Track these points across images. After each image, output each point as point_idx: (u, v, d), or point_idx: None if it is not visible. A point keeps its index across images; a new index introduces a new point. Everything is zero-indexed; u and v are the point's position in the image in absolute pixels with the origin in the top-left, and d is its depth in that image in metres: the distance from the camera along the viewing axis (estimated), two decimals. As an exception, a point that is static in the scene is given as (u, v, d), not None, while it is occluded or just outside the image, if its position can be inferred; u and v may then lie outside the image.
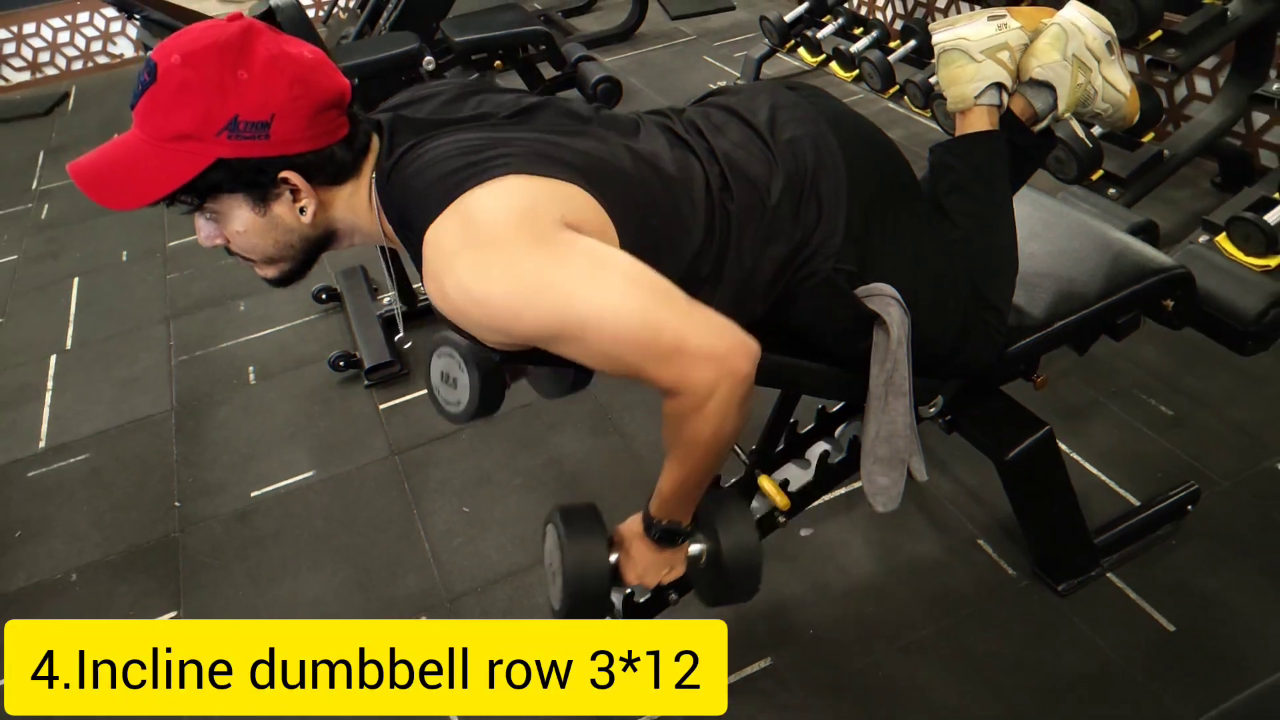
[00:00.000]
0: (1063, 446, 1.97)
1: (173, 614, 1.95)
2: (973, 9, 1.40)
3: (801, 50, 3.86)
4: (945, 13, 3.83)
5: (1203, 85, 2.89)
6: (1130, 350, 2.18)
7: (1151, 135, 2.64)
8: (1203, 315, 1.60)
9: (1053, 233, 1.62)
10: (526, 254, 0.96)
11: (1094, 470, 1.94)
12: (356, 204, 1.10)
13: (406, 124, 1.11)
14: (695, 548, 1.21)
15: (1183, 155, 2.56)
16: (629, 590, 1.60)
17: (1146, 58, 2.43)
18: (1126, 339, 1.58)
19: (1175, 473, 1.87)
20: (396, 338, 2.57)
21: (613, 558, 1.19)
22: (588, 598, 1.15)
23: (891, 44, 3.50)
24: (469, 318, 1.00)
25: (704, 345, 0.98)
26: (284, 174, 1.03)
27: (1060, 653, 1.60)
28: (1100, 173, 2.51)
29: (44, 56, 5.52)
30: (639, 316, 0.97)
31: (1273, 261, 2.19)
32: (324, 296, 2.90)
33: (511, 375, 1.34)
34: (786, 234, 1.18)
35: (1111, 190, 2.51)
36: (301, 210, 1.07)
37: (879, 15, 4.16)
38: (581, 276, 0.96)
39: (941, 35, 1.39)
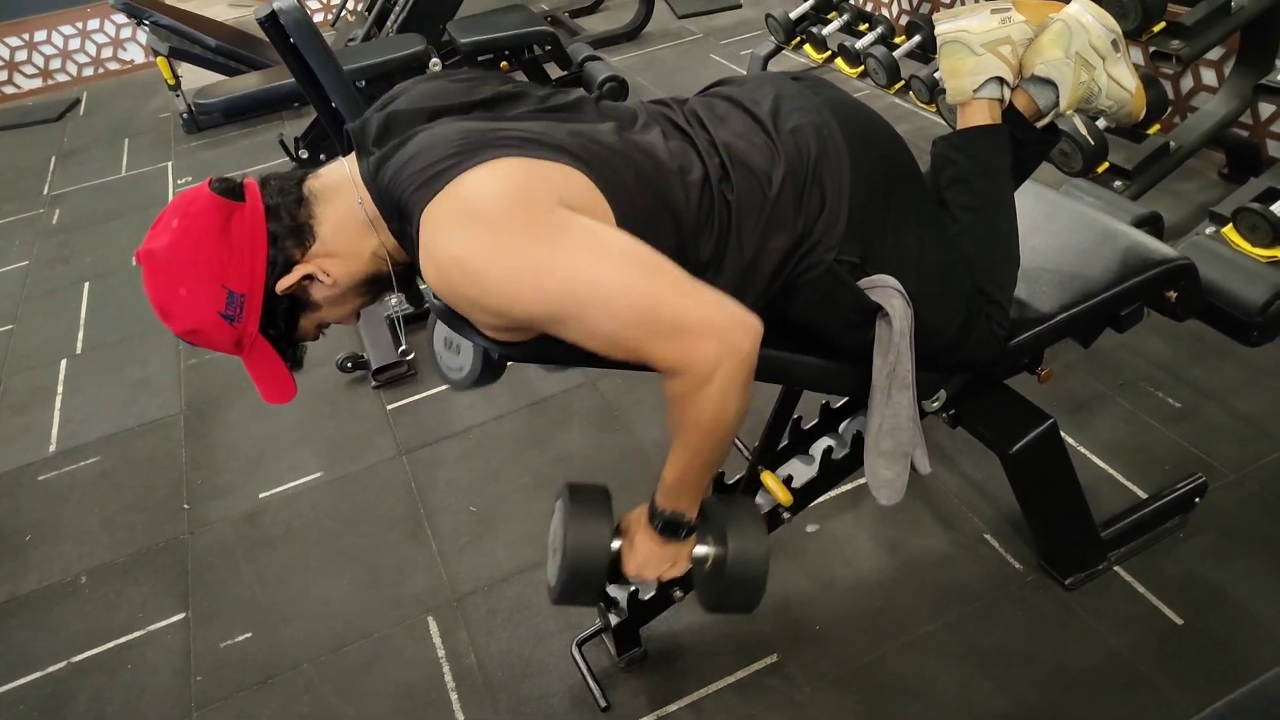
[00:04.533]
0: (1069, 439, 1.98)
1: (181, 615, 1.97)
2: (977, 1, 1.38)
3: (807, 47, 3.85)
4: (949, 8, 3.81)
5: (1208, 76, 2.87)
6: (1136, 342, 2.18)
7: (1157, 127, 2.63)
8: (1207, 306, 1.59)
9: (1055, 226, 1.61)
10: (523, 234, 0.95)
11: (1100, 463, 1.93)
12: (347, 226, 1.11)
13: (399, 118, 1.12)
14: (702, 549, 1.18)
15: (1189, 147, 2.55)
16: (633, 588, 1.60)
17: (1151, 49, 2.41)
18: (1132, 331, 1.57)
19: (1182, 465, 1.86)
20: (400, 350, 2.58)
21: (615, 544, 1.17)
22: (583, 581, 1.13)
23: (896, 39, 3.50)
24: (465, 298, 1.00)
25: (704, 321, 0.97)
26: (281, 295, 1.09)
27: (1067, 647, 1.60)
28: (1106, 165, 2.50)
29: (55, 63, 5.57)
30: (637, 293, 0.96)
31: (1279, 252, 2.18)
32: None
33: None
34: (789, 224, 1.18)
35: (1117, 183, 2.50)
36: (327, 274, 1.11)
37: (884, 11, 4.15)
38: (579, 256, 0.96)
39: (944, 26, 1.39)
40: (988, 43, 1.34)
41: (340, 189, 1.11)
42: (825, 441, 1.68)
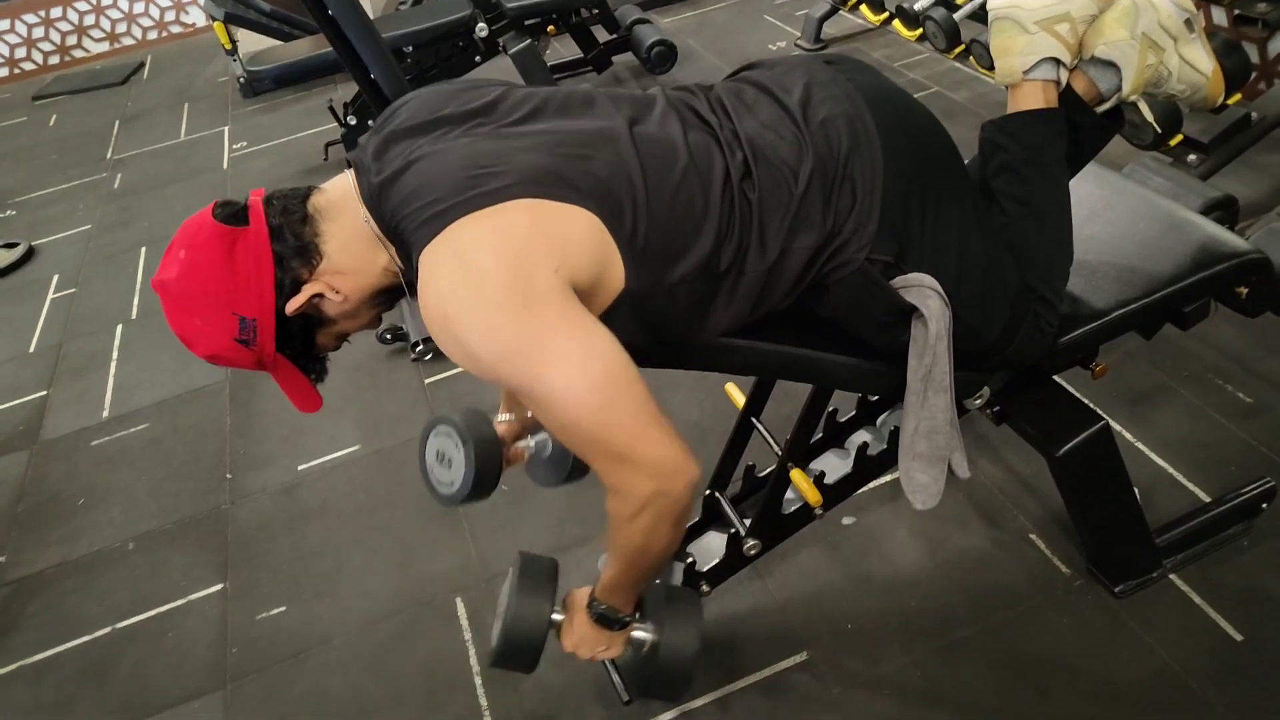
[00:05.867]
0: (1126, 434, 1.88)
1: (220, 586, 2.00)
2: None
3: (864, 8, 3.68)
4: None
5: (1302, 40, 2.67)
6: (1205, 330, 2.03)
7: (1238, 96, 2.45)
8: (1283, 301, 1.48)
9: (1115, 213, 1.51)
10: (510, 313, 0.96)
11: (1160, 461, 1.82)
12: (353, 243, 1.09)
13: (397, 137, 1.09)
14: (640, 635, 1.23)
15: (1275, 117, 2.37)
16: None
17: (1235, 12, 2.24)
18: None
19: (1250, 466, 1.75)
20: (411, 359, 2.55)
21: (558, 616, 1.22)
22: (520, 649, 1.19)
23: (958, 0, 3.32)
24: (450, 351, 1.01)
25: (649, 459, 1.00)
26: (292, 315, 1.08)
27: (1114, 659, 1.52)
28: (1180, 138, 2.35)
29: (121, 27, 5.65)
30: (598, 413, 0.98)
31: (1370, 237, 2.02)
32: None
33: (510, 456, 1.41)
34: (816, 223, 1.11)
35: (1192, 157, 2.34)
36: (336, 291, 1.09)
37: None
38: (558, 357, 0.96)
39: (995, 0, 1.29)
40: (1043, 20, 1.23)
41: (344, 206, 1.08)
42: (862, 435, 1.62)
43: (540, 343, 0.96)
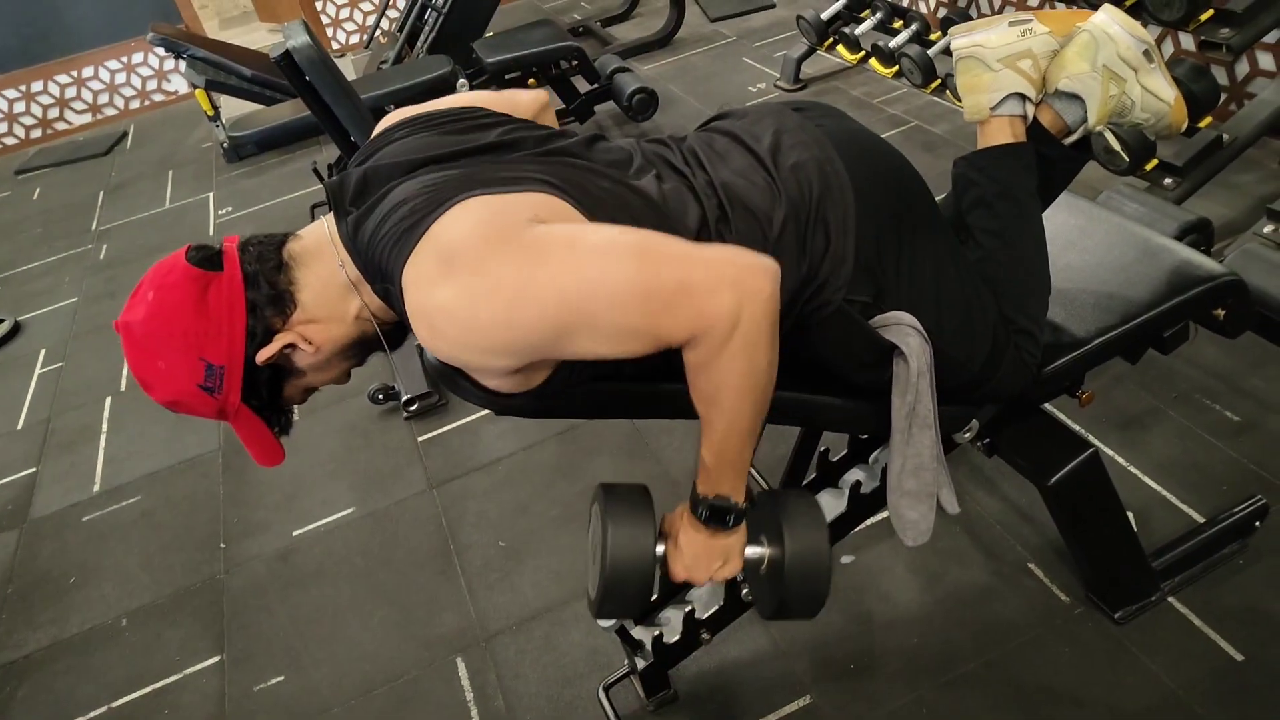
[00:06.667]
0: (1117, 458, 1.88)
1: (216, 658, 1.97)
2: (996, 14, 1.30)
3: (840, 48, 3.77)
4: (988, -1, 3.69)
5: (1266, 60, 2.72)
6: (1191, 351, 2.05)
7: (1209, 119, 2.49)
8: (1262, 320, 1.49)
9: (1091, 241, 1.53)
10: (503, 262, 0.90)
11: (1152, 484, 1.83)
12: (328, 291, 1.08)
13: (379, 173, 1.08)
14: (754, 551, 1.08)
15: (1245, 138, 2.41)
16: (658, 631, 1.56)
17: (1200, 38, 2.29)
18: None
19: (1242, 485, 1.76)
20: (404, 417, 2.55)
21: (660, 548, 1.07)
22: (627, 590, 1.04)
23: (932, 36, 3.39)
24: (466, 346, 0.94)
25: (711, 275, 0.91)
26: (262, 365, 1.06)
27: (1118, 686, 1.51)
28: (1155, 162, 2.38)
29: (103, 98, 5.70)
30: (634, 272, 0.90)
31: (1344, 251, 2.04)
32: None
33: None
34: (792, 267, 1.12)
35: (1168, 180, 2.38)
36: (309, 342, 1.08)
37: (919, 6, 4.04)
38: (565, 260, 0.91)
39: (959, 41, 1.32)
40: (1005, 57, 1.26)
41: (320, 252, 1.08)
42: (855, 474, 1.62)
43: (540, 261, 0.90)
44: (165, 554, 2.30)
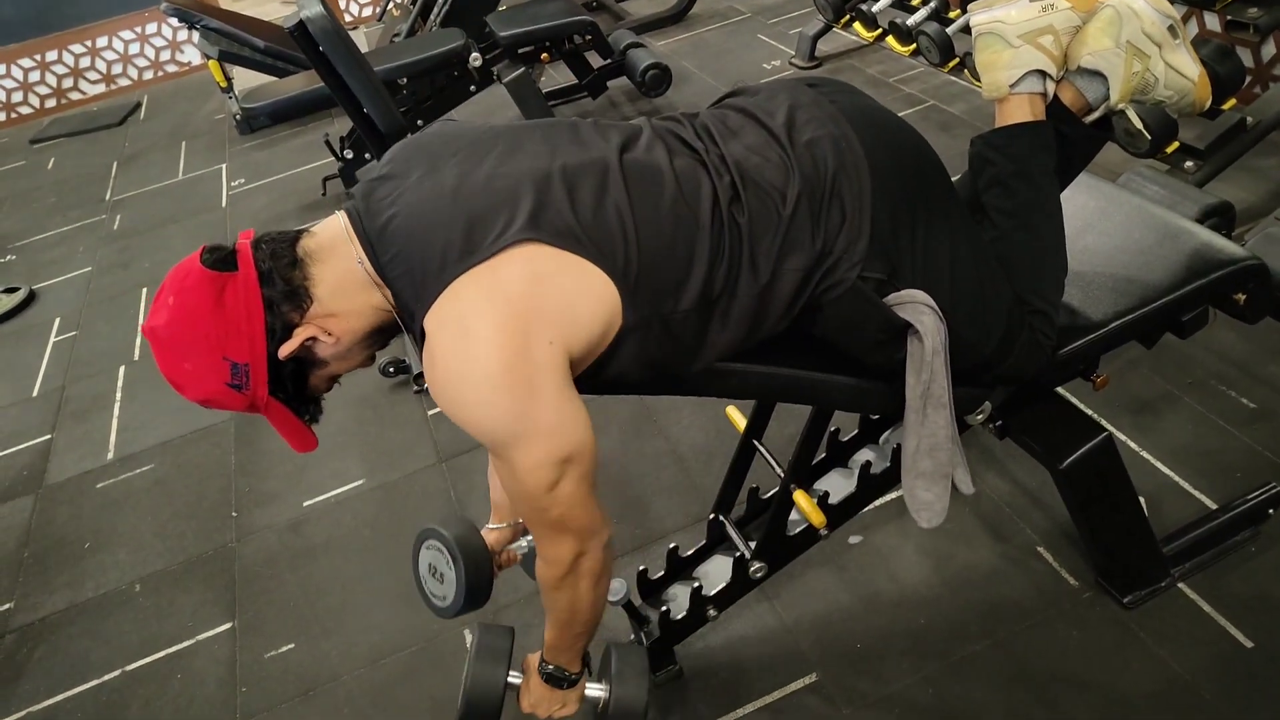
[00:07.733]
0: (1130, 444, 1.87)
1: (228, 625, 1.99)
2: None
3: (857, 25, 3.72)
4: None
5: (1291, 42, 2.68)
6: (1207, 336, 2.02)
7: (1233, 102, 2.46)
8: (1281, 306, 1.47)
9: (1110, 223, 1.51)
10: (505, 394, 1.00)
11: (1165, 470, 1.82)
12: (345, 285, 1.08)
13: (384, 180, 1.10)
14: (593, 693, 1.30)
15: (1270, 121, 2.37)
16: (665, 608, 1.57)
17: (1226, 18, 2.25)
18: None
19: (1256, 472, 1.74)
20: (414, 391, 2.57)
21: (516, 678, 1.28)
22: (480, 713, 1.23)
23: (951, 14, 3.34)
24: (448, 413, 1.04)
25: (577, 527, 1.09)
26: (285, 359, 1.08)
27: (1125, 670, 1.51)
28: (1176, 144, 2.35)
29: (117, 68, 5.70)
30: (551, 489, 1.04)
31: (1367, 237, 2.01)
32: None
33: (503, 561, 1.45)
34: (806, 244, 1.11)
35: (1189, 163, 2.35)
36: (329, 334, 1.09)
37: (940, -18, 3.98)
38: (534, 432, 1.01)
39: (979, 17, 1.29)
40: (1026, 33, 1.24)
41: (336, 248, 1.08)
42: (865, 454, 1.62)
43: (526, 418, 1.01)
44: (178, 521, 2.32)
